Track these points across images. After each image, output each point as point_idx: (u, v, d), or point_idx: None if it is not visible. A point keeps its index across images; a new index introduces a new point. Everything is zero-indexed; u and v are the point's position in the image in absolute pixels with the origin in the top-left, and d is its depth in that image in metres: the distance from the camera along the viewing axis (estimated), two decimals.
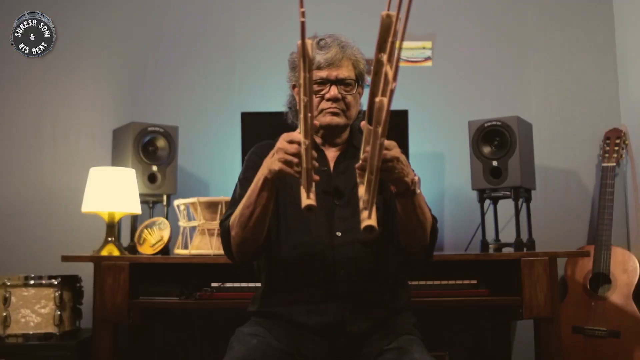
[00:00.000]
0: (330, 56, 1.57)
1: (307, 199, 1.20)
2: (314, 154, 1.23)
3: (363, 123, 1.24)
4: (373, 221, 1.15)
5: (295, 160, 1.29)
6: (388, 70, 1.10)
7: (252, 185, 1.44)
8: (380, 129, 1.10)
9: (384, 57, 1.11)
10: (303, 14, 1.03)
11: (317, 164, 1.25)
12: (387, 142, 1.27)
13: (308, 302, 1.53)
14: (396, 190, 1.41)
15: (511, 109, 2.77)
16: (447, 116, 2.89)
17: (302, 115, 1.19)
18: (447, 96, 2.92)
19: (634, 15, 2.79)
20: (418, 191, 1.43)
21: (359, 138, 1.69)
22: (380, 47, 1.14)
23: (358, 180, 1.27)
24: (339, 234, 1.55)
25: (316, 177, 1.23)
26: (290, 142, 1.31)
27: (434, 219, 1.57)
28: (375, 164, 1.15)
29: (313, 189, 1.22)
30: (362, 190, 1.23)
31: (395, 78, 1.05)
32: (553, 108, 2.93)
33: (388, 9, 1.13)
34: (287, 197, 1.56)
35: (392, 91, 1.06)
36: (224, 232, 1.56)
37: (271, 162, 1.36)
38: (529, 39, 2.96)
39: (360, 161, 1.25)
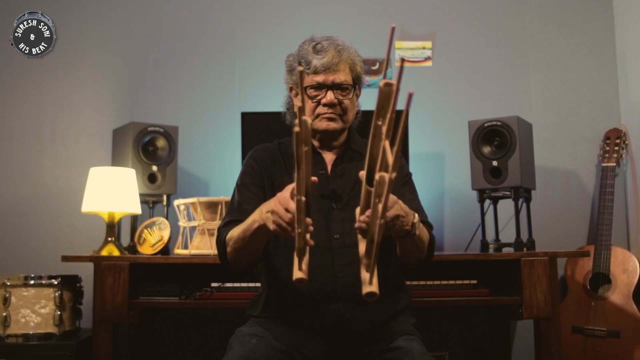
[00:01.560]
0: (326, 60, 1.56)
1: (298, 272, 1.18)
2: (310, 227, 1.21)
3: (361, 174, 1.21)
4: (374, 287, 1.14)
5: (289, 229, 1.27)
6: (388, 152, 1.07)
7: (248, 223, 1.44)
8: (380, 206, 1.07)
9: (383, 128, 1.10)
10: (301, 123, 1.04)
11: (311, 229, 1.22)
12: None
13: (308, 304, 1.53)
14: (396, 235, 1.43)
15: (511, 109, 2.77)
16: (447, 116, 2.89)
17: (295, 174, 1.13)
18: (447, 96, 2.92)
19: (634, 15, 2.79)
20: (417, 232, 1.44)
21: (356, 141, 1.69)
22: (379, 114, 1.12)
23: (358, 237, 1.25)
24: (336, 236, 1.55)
25: (311, 242, 1.21)
26: (286, 210, 1.27)
27: (431, 234, 1.59)
28: (375, 234, 1.11)
29: (306, 260, 1.21)
30: (362, 247, 1.21)
31: (394, 169, 1.03)
32: (553, 108, 2.93)
33: (384, 76, 1.11)
34: None
35: (391, 182, 1.03)
36: (220, 243, 1.57)
37: (267, 218, 1.34)
38: (528, 39, 2.96)
39: (358, 222, 1.23)
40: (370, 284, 1.14)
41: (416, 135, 2.76)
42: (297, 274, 1.18)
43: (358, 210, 1.27)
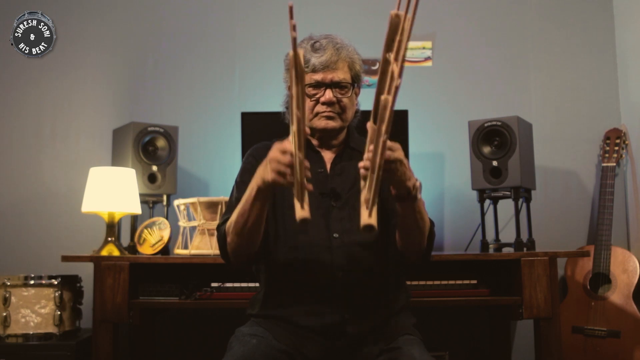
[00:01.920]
0: (325, 59, 1.56)
1: (301, 211, 1.19)
2: (307, 164, 1.23)
3: (369, 124, 1.23)
4: (373, 220, 1.14)
5: (288, 171, 1.27)
6: (394, 68, 1.09)
7: (246, 194, 1.43)
8: (384, 127, 1.09)
9: (392, 56, 1.11)
10: (294, 28, 1.03)
11: (309, 174, 1.25)
12: (390, 144, 1.26)
13: (307, 304, 1.52)
14: (397, 193, 1.39)
15: (511, 109, 2.77)
16: (447, 116, 2.89)
17: (295, 129, 1.17)
18: (447, 96, 2.92)
19: (634, 15, 2.79)
20: (419, 196, 1.42)
21: (355, 139, 1.69)
22: (388, 46, 1.13)
23: (361, 180, 1.26)
24: (336, 235, 1.54)
25: (309, 187, 1.23)
26: (283, 152, 1.28)
27: (432, 223, 1.57)
28: (377, 161, 1.14)
29: (306, 199, 1.21)
30: (364, 193, 1.22)
31: (400, 75, 1.05)
32: (553, 108, 2.93)
33: (398, 9, 1.13)
34: (284, 199, 1.56)
35: (396, 88, 1.06)
36: (220, 237, 1.56)
37: (264, 172, 1.34)
38: (528, 39, 2.97)
39: (364, 160, 1.24)
40: (369, 216, 1.15)
41: (416, 135, 2.76)
42: (300, 213, 1.19)
43: (362, 206, 1.26)
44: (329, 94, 1.57)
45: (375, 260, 1.55)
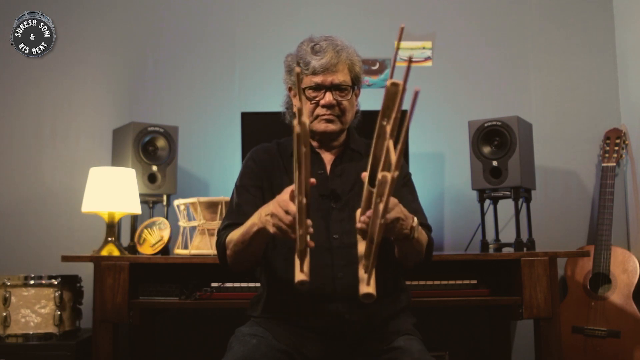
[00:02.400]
0: (325, 61, 1.56)
1: (300, 274, 1.18)
2: (309, 223, 1.21)
3: (364, 175, 1.22)
4: (372, 289, 1.14)
5: (289, 231, 1.27)
6: (391, 150, 1.07)
7: (248, 226, 1.44)
8: (382, 205, 1.07)
9: (388, 127, 1.10)
10: (300, 112, 1.04)
11: (312, 230, 1.24)
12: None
13: (307, 305, 1.53)
14: (395, 238, 1.43)
15: (511, 109, 2.77)
16: (447, 116, 2.89)
17: (296, 174, 1.13)
18: (447, 96, 2.92)
19: (634, 15, 2.79)
20: (416, 235, 1.44)
21: (356, 140, 1.69)
22: (384, 114, 1.11)
23: (358, 237, 1.26)
24: (336, 236, 1.54)
25: (311, 244, 1.22)
26: (287, 212, 1.27)
27: (429, 230, 1.59)
28: (375, 234, 1.11)
29: (307, 261, 1.20)
30: (361, 248, 1.21)
31: (397, 167, 1.03)
32: (553, 108, 2.93)
33: (391, 76, 1.12)
34: None
35: (393, 180, 1.03)
36: (220, 246, 1.57)
37: (266, 221, 1.35)
38: (528, 39, 2.97)
39: (359, 223, 1.24)
40: (367, 285, 1.14)
41: (416, 135, 2.76)
42: (299, 276, 1.18)
43: (359, 212, 1.27)
44: (328, 97, 1.57)
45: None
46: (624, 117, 2.88)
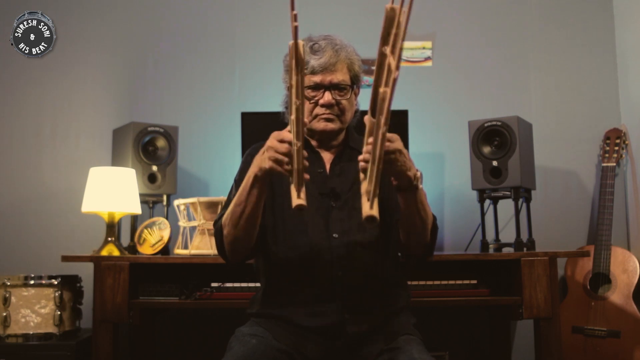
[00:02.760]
0: (324, 61, 1.55)
1: (297, 199, 1.20)
2: (305, 153, 1.23)
3: (366, 117, 1.24)
4: (375, 212, 1.14)
5: (286, 159, 1.28)
6: (391, 60, 1.08)
7: (243, 183, 1.43)
8: (382, 118, 1.09)
9: (387, 50, 1.11)
10: (295, 18, 1.03)
11: (307, 163, 1.25)
12: (389, 135, 1.26)
13: (307, 304, 1.52)
14: (398, 184, 1.39)
15: (511, 109, 2.77)
16: (447, 116, 2.89)
17: (293, 117, 1.18)
18: (447, 96, 2.92)
19: (634, 15, 2.79)
20: (420, 186, 1.42)
21: (355, 139, 1.69)
22: (384, 40, 1.14)
23: (361, 174, 1.25)
24: (335, 235, 1.54)
25: (306, 176, 1.24)
26: (281, 141, 1.30)
27: (434, 217, 1.57)
28: (377, 153, 1.13)
29: (303, 188, 1.22)
30: (364, 185, 1.21)
31: (397, 67, 1.05)
32: (553, 108, 2.93)
33: (392, 2, 1.14)
34: (284, 199, 1.55)
35: (394, 80, 1.06)
36: (217, 232, 1.55)
37: (261, 160, 1.35)
38: (528, 39, 2.96)
39: (364, 153, 1.24)
40: (370, 208, 1.15)
41: (416, 135, 2.76)
42: (297, 200, 1.20)
43: (363, 197, 1.26)
44: (327, 96, 1.56)
45: (375, 260, 1.55)
46: (624, 117, 2.88)
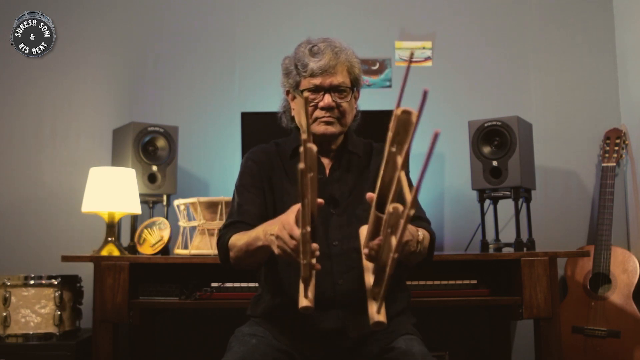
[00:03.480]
0: (323, 63, 1.54)
1: (304, 299, 1.15)
2: (315, 247, 1.17)
3: (370, 197, 1.16)
4: (382, 317, 1.09)
5: (294, 255, 1.24)
6: (405, 188, 1.00)
7: (252, 239, 1.41)
8: (394, 240, 0.98)
9: (399, 157, 1.04)
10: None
11: (317, 254, 1.19)
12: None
13: None
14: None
15: (511, 109, 2.77)
16: (447, 116, 2.89)
17: (300, 205, 1.08)
18: (447, 96, 2.91)
19: (634, 15, 2.79)
20: (421, 248, 1.43)
21: (354, 141, 1.68)
22: (393, 140, 1.06)
23: (364, 260, 1.21)
24: (335, 243, 1.54)
25: (317, 267, 1.19)
26: (291, 237, 1.23)
27: (428, 223, 1.58)
28: (388, 266, 1.03)
29: (312, 285, 1.17)
30: (368, 279, 1.16)
31: (413, 206, 0.94)
32: (553, 108, 2.93)
33: (398, 104, 1.05)
34: (285, 205, 1.54)
35: (410, 216, 0.95)
36: (222, 247, 1.55)
37: (271, 241, 1.31)
38: (528, 39, 2.96)
39: (368, 250, 1.18)
40: (378, 313, 1.10)
41: (416, 135, 2.74)
42: (303, 302, 1.15)
43: (363, 230, 1.23)
44: (327, 99, 1.56)
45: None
46: (624, 117, 2.88)
